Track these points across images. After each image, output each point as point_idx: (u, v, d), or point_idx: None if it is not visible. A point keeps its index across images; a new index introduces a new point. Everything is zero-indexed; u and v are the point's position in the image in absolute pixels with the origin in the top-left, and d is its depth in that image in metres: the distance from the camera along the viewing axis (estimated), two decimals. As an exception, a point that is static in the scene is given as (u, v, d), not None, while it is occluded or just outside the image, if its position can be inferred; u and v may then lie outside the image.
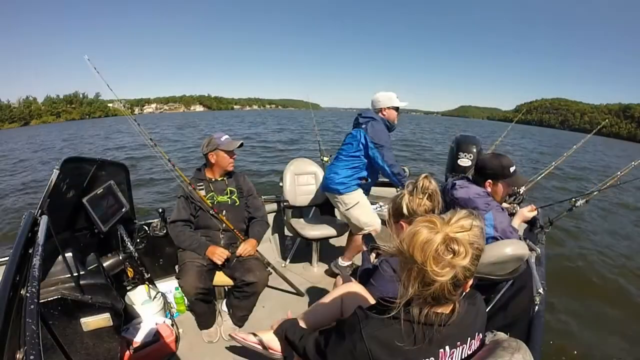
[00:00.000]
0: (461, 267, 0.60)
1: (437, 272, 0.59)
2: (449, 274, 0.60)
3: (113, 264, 1.72)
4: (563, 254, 4.11)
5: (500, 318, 1.51)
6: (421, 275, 0.61)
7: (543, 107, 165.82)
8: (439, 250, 0.59)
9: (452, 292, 0.63)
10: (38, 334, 0.61)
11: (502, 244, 1.51)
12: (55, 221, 1.14)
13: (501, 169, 1.54)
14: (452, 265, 0.59)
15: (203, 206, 1.85)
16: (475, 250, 0.62)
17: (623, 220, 6.11)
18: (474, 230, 0.63)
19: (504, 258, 1.44)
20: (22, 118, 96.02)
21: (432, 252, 0.59)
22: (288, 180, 2.73)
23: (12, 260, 0.82)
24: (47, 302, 1.19)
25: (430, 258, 0.59)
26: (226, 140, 1.87)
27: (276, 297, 2.24)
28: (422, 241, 0.60)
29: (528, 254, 1.52)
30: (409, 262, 0.63)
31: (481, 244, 0.64)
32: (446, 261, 0.59)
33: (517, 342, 0.75)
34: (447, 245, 0.60)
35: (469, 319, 0.72)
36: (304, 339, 0.97)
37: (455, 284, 0.62)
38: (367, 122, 2.21)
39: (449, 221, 0.63)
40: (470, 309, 0.72)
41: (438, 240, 0.60)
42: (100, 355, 1.37)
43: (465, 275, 0.62)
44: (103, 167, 1.72)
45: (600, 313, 2.95)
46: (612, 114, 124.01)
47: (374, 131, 2.17)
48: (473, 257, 0.62)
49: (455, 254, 0.60)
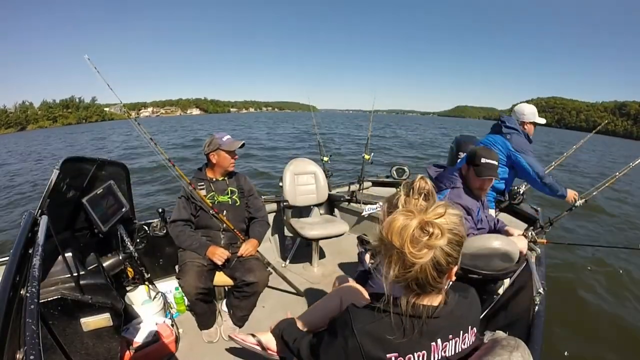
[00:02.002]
0: (439, 248, 0.62)
1: (415, 254, 0.62)
2: (427, 255, 0.62)
3: (113, 264, 1.72)
4: (563, 253, 4.11)
5: (500, 318, 1.51)
6: (401, 259, 0.63)
7: (539, 106, 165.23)
8: (415, 233, 0.62)
9: (437, 279, 0.65)
10: (38, 334, 0.61)
11: (488, 237, 1.52)
12: (55, 221, 1.14)
13: (473, 156, 1.61)
14: (429, 246, 0.62)
15: (203, 206, 1.85)
16: (453, 235, 0.64)
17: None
18: (451, 217, 0.65)
19: (486, 251, 1.44)
20: (18, 123, 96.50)
21: (408, 235, 0.62)
22: (288, 180, 2.74)
23: (12, 260, 0.82)
24: (47, 302, 1.19)
25: (408, 241, 0.62)
26: (228, 140, 1.87)
27: (276, 297, 2.24)
28: (399, 227, 0.63)
29: (516, 253, 1.52)
30: (388, 248, 0.65)
31: (460, 230, 0.66)
32: (423, 242, 0.62)
33: (516, 340, 0.75)
34: (423, 228, 0.62)
35: (460, 311, 0.72)
36: (298, 340, 0.98)
37: (437, 270, 0.64)
38: (510, 133, 2.21)
39: (425, 209, 0.66)
40: (461, 301, 0.73)
41: (414, 224, 0.62)
42: (100, 355, 1.37)
43: (448, 260, 0.64)
44: (103, 167, 1.72)
45: (601, 313, 2.95)
46: (608, 112, 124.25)
47: (518, 143, 2.17)
48: (452, 242, 0.64)
49: (431, 235, 0.62)
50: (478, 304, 0.80)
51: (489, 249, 1.45)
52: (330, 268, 2.64)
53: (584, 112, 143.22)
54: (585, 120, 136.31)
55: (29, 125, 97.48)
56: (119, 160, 1.90)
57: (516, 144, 2.17)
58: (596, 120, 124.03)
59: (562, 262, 3.88)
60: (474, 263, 1.48)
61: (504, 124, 2.25)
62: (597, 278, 3.59)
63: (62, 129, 57.12)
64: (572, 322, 2.77)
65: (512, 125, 2.23)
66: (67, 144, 19.11)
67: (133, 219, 2.07)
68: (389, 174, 3.60)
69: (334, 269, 2.63)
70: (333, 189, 3.38)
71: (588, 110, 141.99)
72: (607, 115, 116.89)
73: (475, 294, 0.80)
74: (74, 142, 21.45)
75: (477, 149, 1.63)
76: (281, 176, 2.79)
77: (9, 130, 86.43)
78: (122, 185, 1.91)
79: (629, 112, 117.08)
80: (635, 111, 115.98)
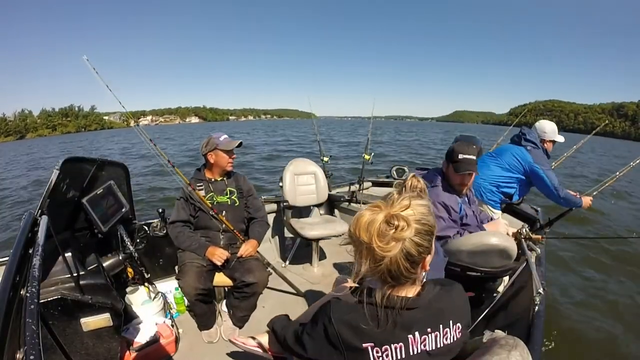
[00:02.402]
0: (408, 240, 0.63)
1: (383, 248, 0.63)
2: (396, 247, 0.63)
3: (113, 264, 1.72)
4: (563, 253, 4.11)
5: (500, 318, 1.51)
6: (371, 254, 0.65)
7: (537, 109, 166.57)
8: (382, 227, 0.63)
9: (410, 270, 0.66)
10: (38, 334, 0.61)
11: (485, 233, 1.51)
12: (55, 221, 1.14)
13: (451, 153, 1.62)
14: (396, 239, 0.63)
15: (203, 207, 1.85)
16: (422, 225, 0.65)
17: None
18: (418, 208, 0.66)
19: (483, 247, 1.44)
20: (17, 131, 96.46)
21: (375, 230, 0.63)
22: (288, 180, 2.73)
23: (12, 260, 0.82)
24: (47, 302, 1.19)
25: (375, 235, 0.63)
26: (225, 140, 1.87)
27: (276, 297, 2.24)
28: (366, 222, 0.65)
29: (514, 249, 1.52)
30: (358, 243, 0.67)
31: (429, 220, 0.67)
32: (389, 236, 0.63)
33: (515, 339, 0.75)
34: (388, 221, 0.64)
35: (440, 304, 0.71)
36: (284, 329, 0.99)
37: (410, 261, 0.65)
38: (530, 147, 2.26)
39: (392, 203, 0.67)
40: (441, 294, 0.73)
41: (380, 218, 0.64)
42: (100, 355, 1.37)
43: (419, 250, 0.65)
44: (103, 167, 1.73)
45: (601, 312, 2.95)
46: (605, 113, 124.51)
47: (538, 157, 2.22)
48: (421, 232, 0.65)
49: (397, 228, 0.63)
50: (463, 300, 0.78)
51: (487, 246, 1.45)
52: (330, 268, 2.64)
53: (581, 115, 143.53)
54: (584, 122, 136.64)
55: (28, 133, 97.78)
56: (118, 161, 1.90)
57: (536, 157, 2.22)
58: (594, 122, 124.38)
59: (562, 262, 3.88)
60: (472, 260, 1.48)
61: (524, 137, 2.30)
62: (597, 278, 3.59)
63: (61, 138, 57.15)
64: (572, 322, 2.77)
65: (532, 139, 2.28)
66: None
67: (133, 219, 2.07)
68: (389, 174, 3.60)
69: (334, 269, 2.63)
70: (333, 189, 3.38)
71: (586, 112, 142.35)
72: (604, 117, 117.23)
73: (461, 289, 0.79)
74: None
75: (455, 146, 1.62)
76: (281, 176, 2.79)
77: (9, 139, 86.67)
78: (122, 186, 1.91)
79: (627, 113, 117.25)
80: (632, 112, 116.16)
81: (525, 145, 2.28)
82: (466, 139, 2.77)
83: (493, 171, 2.31)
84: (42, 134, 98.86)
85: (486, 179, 2.30)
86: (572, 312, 2.92)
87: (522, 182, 2.31)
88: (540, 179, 2.20)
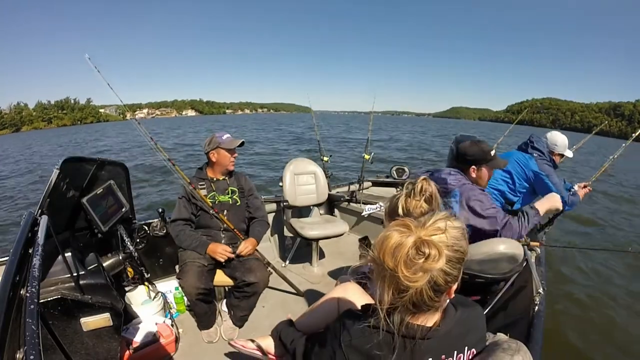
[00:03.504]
0: (437, 270, 0.57)
1: (410, 278, 0.56)
2: (423, 278, 0.57)
3: (113, 264, 1.72)
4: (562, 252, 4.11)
5: (500, 318, 1.51)
6: (395, 282, 0.58)
7: (534, 107, 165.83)
8: (410, 254, 0.57)
9: (434, 299, 0.60)
10: (38, 334, 0.61)
11: (494, 241, 1.50)
12: (55, 221, 1.14)
13: (482, 153, 1.57)
14: (425, 270, 0.57)
15: (204, 206, 1.85)
16: (454, 252, 0.59)
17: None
18: (452, 231, 0.60)
19: (494, 256, 1.43)
20: (13, 124, 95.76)
21: (402, 256, 0.56)
22: (288, 180, 2.73)
23: (12, 260, 0.82)
24: (47, 302, 1.19)
25: (401, 263, 0.56)
26: (227, 138, 1.88)
27: (276, 297, 2.24)
28: (392, 246, 0.58)
29: (521, 254, 1.51)
30: (381, 268, 0.60)
31: (462, 245, 0.60)
32: (418, 265, 0.56)
33: (517, 343, 0.74)
34: (418, 248, 0.57)
35: (459, 330, 0.67)
36: (294, 342, 0.98)
37: (435, 290, 0.59)
38: (537, 155, 2.23)
39: (424, 224, 0.60)
40: (462, 321, 0.68)
41: (409, 243, 0.57)
42: (100, 355, 1.37)
43: (447, 280, 0.59)
44: (103, 167, 1.72)
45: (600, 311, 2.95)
46: (602, 113, 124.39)
47: (544, 166, 2.18)
48: (452, 260, 0.58)
49: (427, 257, 0.56)
50: (481, 324, 0.75)
51: (498, 254, 1.43)
52: (330, 268, 2.64)
53: (578, 113, 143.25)
54: (580, 121, 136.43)
55: (23, 126, 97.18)
56: (118, 160, 1.90)
57: (541, 165, 2.18)
58: (591, 121, 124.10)
59: (562, 262, 3.88)
60: (481, 268, 1.46)
61: (532, 144, 2.27)
62: (597, 278, 3.59)
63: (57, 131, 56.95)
64: (572, 322, 2.77)
65: (540, 148, 2.24)
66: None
67: (133, 219, 2.07)
68: (389, 174, 3.60)
69: (334, 269, 2.63)
70: (333, 189, 3.38)
71: (583, 111, 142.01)
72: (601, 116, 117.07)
73: (480, 312, 0.75)
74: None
75: (482, 146, 1.58)
76: (281, 176, 2.79)
77: (4, 132, 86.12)
78: (122, 185, 1.90)
79: (623, 113, 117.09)
80: (629, 112, 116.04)
81: (531, 152, 2.24)
82: (467, 139, 2.77)
83: (495, 176, 2.26)
84: (37, 127, 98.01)
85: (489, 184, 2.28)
86: (572, 313, 2.92)
87: (526, 190, 2.26)
88: (544, 187, 2.14)
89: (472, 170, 1.60)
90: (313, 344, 0.81)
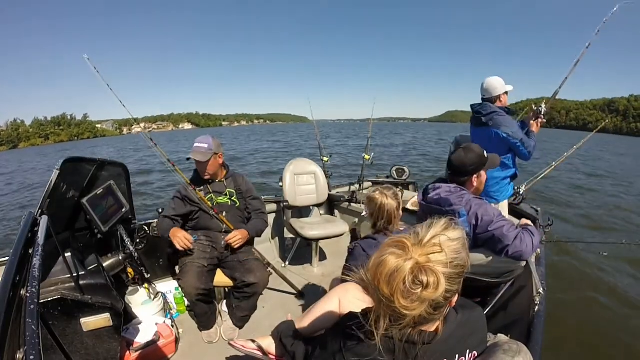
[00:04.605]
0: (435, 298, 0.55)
1: (407, 307, 0.54)
2: (421, 307, 0.54)
3: (113, 264, 1.72)
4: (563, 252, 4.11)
5: (500, 319, 1.51)
6: (391, 310, 0.56)
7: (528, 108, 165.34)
8: (407, 283, 0.53)
9: (434, 314, 0.58)
10: (38, 334, 0.61)
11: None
12: (55, 221, 1.14)
13: (479, 158, 1.51)
14: (423, 300, 0.54)
15: (203, 207, 1.85)
16: (454, 268, 0.56)
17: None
18: (451, 245, 0.57)
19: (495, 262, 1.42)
20: (10, 141, 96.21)
21: (399, 285, 0.53)
22: (288, 180, 2.73)
23: (12, 261, 0.82)
24: (47, 302, 1.19)
25: (398, 292, 0.54)
26: (193, 147, 1.81)
27: (276, 297, 2.23)
28: (388, 273, 0.54)
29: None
30: (375, 294, 0.58)
31: (462, 258, 0.58)
32: (416, 295, 0.53)
33: (518, 344, 0.74)
34: (416, 277, 0.53)
35: (460, 333, 0.67)
36: (295, 345, 0.98)
37: (435, 307, 0.57)
38: (491, 119, 2.08)
39: (422, 241, 0.57)
40: (464, 323, 0.68)
41: (406, 270, 0.54)
42: (100, 355, 1.37)
43: (446, 296, 0.57)
44: (103, 167, 1.72)
45: (601, 311, 2.95)
46: (597, 109, 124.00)
47: (505, 122, 2.05)
48: (452, 277, 0.56)
49: (426, 286, 0.53)
50: (482, 327, 0.74)
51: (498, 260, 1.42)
52: (330, 268, 2.64)
53: (573, 111, 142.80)
54: (576, 119, 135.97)
55: (20, 143, 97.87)
56: (118, 161, 1.90)
57: (503, 124, 2.05)
58: (586, 118, 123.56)
59: (562, 262, 3.88)
60: (484, 271, 1.46)
61: (482, 114, 2.14)
62: (597, 278, 3.59)
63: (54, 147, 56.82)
64: (572, 322, 2.77)
65: (490, 111, 2.10)
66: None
67: (133, 219, 2.07)
68: (389, 174, 3.60)
69: (334, 269, 2.63)
70: (333, 189, 3.38)
71: (577, 109, 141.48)
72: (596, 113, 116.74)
73: (483, 315, 0.75)
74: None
75: (476, 152, 1.52)
76: (281, 176, 2.79)
77: (1, 149, 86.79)
78: (122, 186, 1.91)
79: (618, 108, 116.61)
80: (624, 107, 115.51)
81: (487, 121, 2.10)
82: (466, 139, 2.76)
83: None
84: (34, 144, 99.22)
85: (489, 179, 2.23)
86: (572, 311, 2.92)
87: (512, 157, 2.18)
88: (517, 149, 2.08)
89: (473, 180, 1.52)
90: (314, 348, 0.81)
